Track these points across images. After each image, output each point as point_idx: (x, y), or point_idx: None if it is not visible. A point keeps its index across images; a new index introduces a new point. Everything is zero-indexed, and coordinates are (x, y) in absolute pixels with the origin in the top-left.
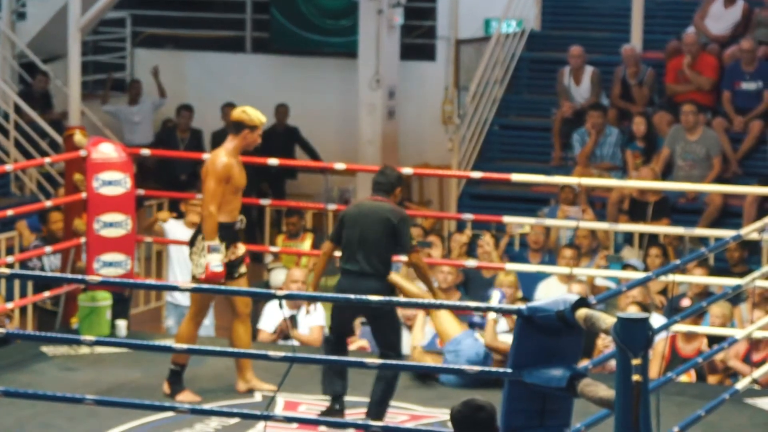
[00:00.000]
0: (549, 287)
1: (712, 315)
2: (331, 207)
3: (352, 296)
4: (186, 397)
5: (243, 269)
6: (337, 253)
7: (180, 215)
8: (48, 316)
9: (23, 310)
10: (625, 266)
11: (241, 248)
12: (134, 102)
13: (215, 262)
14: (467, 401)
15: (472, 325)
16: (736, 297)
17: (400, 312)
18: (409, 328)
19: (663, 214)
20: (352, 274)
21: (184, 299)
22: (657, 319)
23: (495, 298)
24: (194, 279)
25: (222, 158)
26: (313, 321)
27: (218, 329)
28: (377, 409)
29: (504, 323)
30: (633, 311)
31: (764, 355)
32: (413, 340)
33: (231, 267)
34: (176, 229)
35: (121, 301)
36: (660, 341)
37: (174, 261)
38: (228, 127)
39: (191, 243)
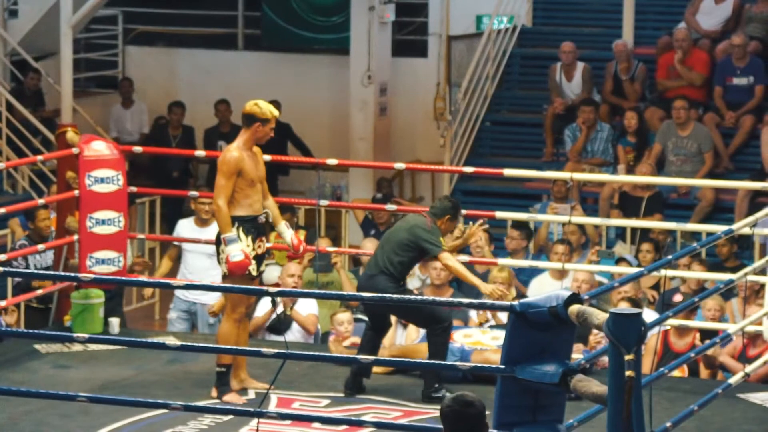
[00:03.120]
0: (542, 284)
1: (706, 308)
2: (324, 203)
3: (345, 293)
4: (232, 398)
5: (263, 268)
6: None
7: (182, 214)
8: (35, 313)
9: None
10: (619, 261)
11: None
12: (127, 101)
13: (234, 252)
14: (456, 396)
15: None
16: (727, 292)
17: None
18: (405, 325)
19: (656, 209)
20: (371, 269)
21: (191, 295)
22: (648, 315)
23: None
24: (223, 278)
25: (232, 153)
26: (306, 309)
27: None
28: (431, 375)
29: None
30: (624, 307)
31: (760, 351)
32: (407, 337)
33: (257, 262)
34: (185, 228)
35: (114, 297)
36: (652, 336)
37: (184, 259)
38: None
39: (217, 243)
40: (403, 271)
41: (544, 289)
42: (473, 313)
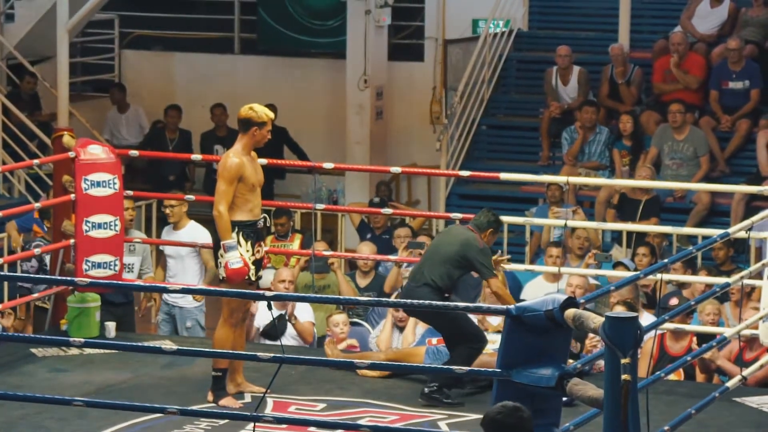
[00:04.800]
0: (536, 287)
1: (705, 312)
2: (320, 207)
3: (342, 297)
4: (228, 402)
5: (261, 273)
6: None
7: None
8: (44, 314)
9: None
10: (617, 265)
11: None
12: (122, 107)
13: (233, 259)
14: (504, 404)
15: None
16: (722, 296)
17: (393, 313)
18: (401, 329)
19: (652, 213)
20: (415, 280)
21: (170, 298)
22: (645, 318)
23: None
24: (222, 281)
25: (232, 159)
26: (302, 317)
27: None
28: (443, 378)
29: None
30: (620, 310)
31: (756, 354)
32: (403, 341)
33: (255, 267)
34: (166, 234)
35: (126, 304)
36: (648, 340)
37: (167, 264)
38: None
39: (215, 247)
40: (448, 285)
41: (538, 292)
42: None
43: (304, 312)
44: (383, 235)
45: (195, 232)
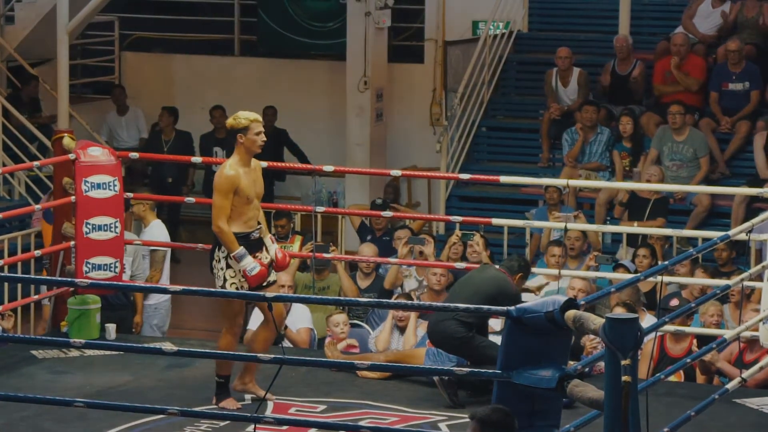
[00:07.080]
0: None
1: (708, 314)
2: (320, 209)
3: (342, 298)
4: (228, 404)
5: None
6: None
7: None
8: None
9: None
10: (618, 267)
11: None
12: (121, 109)
13: (249, 266)
14: (496, 407)
15: None
16: (721, 297)
17: (394, 313)
18: (402, 330)
19: (660, 213)
20: (442, 314)
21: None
22: (645, 319)
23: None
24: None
25: (227, 171)
26: (300, 323)
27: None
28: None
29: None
30: (620, 312)
31: (757, 356)
32: (405, 342)
33: None
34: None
35: (125, 307)
36: (648, 341)
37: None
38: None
39: (210, 258)
40: (480, 318)
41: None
42: None
43: (300, 319)
44: (384, 236)
45: (153, 231)
